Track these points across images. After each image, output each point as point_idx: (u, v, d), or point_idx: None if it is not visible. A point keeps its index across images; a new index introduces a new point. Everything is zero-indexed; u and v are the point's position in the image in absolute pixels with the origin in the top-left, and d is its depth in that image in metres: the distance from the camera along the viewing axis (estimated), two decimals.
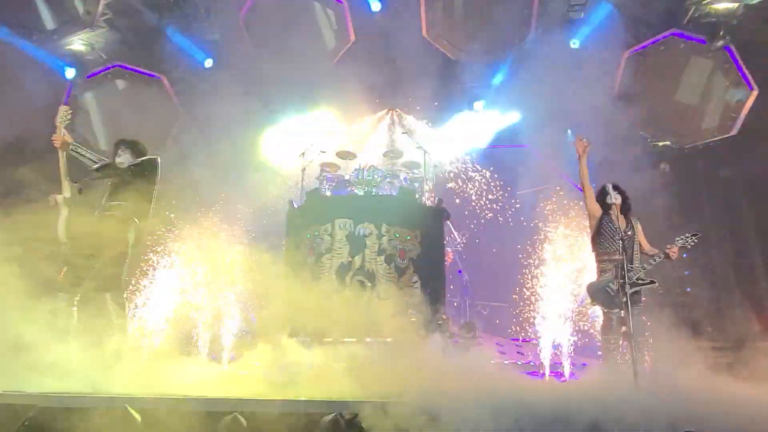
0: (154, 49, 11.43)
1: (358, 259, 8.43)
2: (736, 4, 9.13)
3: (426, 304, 7.64)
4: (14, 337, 4.22)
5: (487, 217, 10.99)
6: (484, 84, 11.37)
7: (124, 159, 5.44)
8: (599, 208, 5.76)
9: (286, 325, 7.86)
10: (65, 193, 5.11)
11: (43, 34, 10.46)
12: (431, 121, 11.27)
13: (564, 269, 8.62)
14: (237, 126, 11.32)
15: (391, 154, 9.89)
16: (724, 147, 10.27)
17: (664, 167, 10.92)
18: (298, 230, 9.02)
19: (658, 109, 10.37)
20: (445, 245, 9.70)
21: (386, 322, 7.61)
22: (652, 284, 5.50)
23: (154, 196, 5.41)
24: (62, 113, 5.24)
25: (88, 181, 5.31)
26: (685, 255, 7.37)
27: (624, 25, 9.92)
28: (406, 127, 11.02)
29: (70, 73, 11.23)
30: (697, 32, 9.67)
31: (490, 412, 3.46)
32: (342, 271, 8.39)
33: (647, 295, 5.80)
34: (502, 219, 10.91)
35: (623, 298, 5.19)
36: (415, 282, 8.44)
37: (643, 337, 5.36)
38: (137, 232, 5.21)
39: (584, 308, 7.99)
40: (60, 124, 5.16)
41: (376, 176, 9.09)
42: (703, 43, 9.59)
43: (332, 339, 7.42)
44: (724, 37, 9.30)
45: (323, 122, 10.94)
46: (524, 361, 8.15)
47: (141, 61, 11.19)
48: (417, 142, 9.95)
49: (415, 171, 9.68)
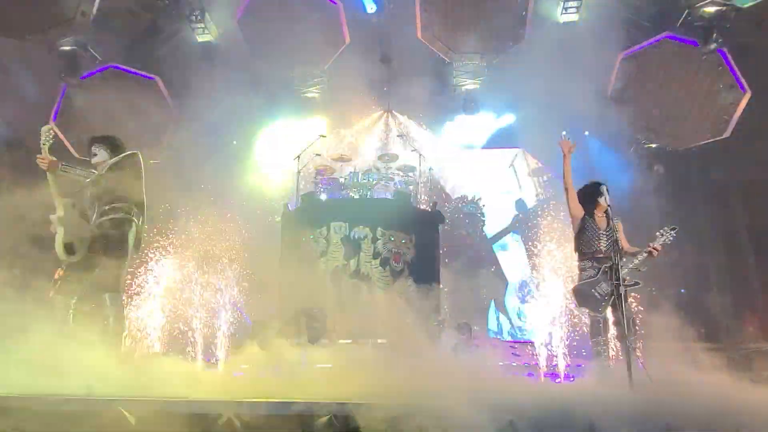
0: (149, 50, 11.43)
1: (353, 263, 8.43)
2: (729, 8, 9.20)
3: (421, 306, 7.64)
4: (7, 338, 4.20)
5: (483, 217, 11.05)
6: (478, 86, 11.41)
7: (100, 157, 5.21)
8: (582, 209, 5.72)
9: (281, 326, 7.89)
10: (59, 212, 4.95)
11: (37, 35, 10.41)
12: (426, 123, 11.30)
13: (559, 270, 8.65)
14: (232, 128, 11.34)
15: (387, 157, 9.90)
16: (717, 149, 10.34)
17: (658, 169, 10.99)
18: (294, 233, 9.00)
19: (652, 111, 10.43)
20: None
21: (381, 323, 7.64)
22: (636, 285, 5.48)
23: (143, 191, 5.29)
24: (45, 134, 4.96)
25: (78, 192, 5.13)
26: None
27: (618, 28, 9.97)
28: (401, 129, 11.03)
29: None
30: (690, 35, 9.74)
31: (486, 414, 3.47)
32: (337, 274, 8.38)
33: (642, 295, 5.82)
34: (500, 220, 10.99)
35: (616, 300, 5.20)
36: (409, 285, 8.44)
37: (635, 335, 5.34)
38: (137, 232, 5.16)
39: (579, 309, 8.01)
40: (45, 146, 4.92)
41: (371, 179, 9.09)
42: (696, 45, 9.65)
43: (327, 340, 7.43)
44: (716, 40, 9.36)
45: (318, 125, 10.94)
46: (519, 362, 8.17)
47: (135, 62, 11.16)
48: (412, 146, 9.97)
49: (410, 174, 9.68)
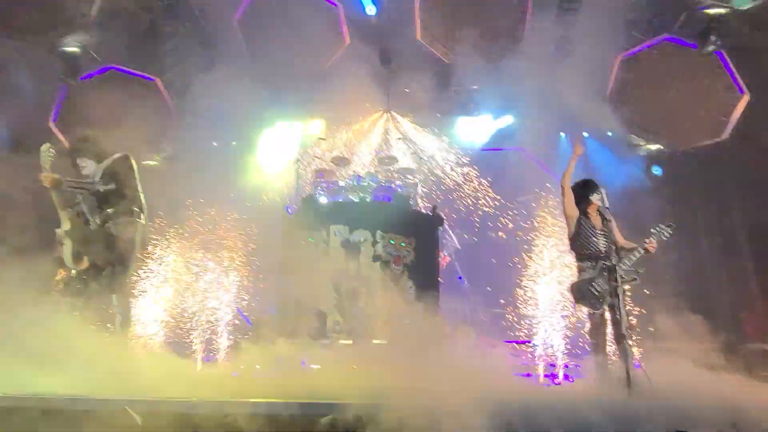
0: (149, 51, 11.43)
1: (353, 266, 8.43)
2: (727, 10, 9.24)
3: (421, 308, 7.67)
4: (15, 339, 4.23)
5: (483, 220, 11.06)
6: (477, 87, 11.44)
7: (88, 169, 5.14)
8: (577, 209, 5.75)
9: (282, 326, 7.93)
10: (64, 226, 4.97)
11: (37, 36, 10.40)
12: (425, 125, 11.32)
13: (558, 270, 8.68)
14: (232, 130, 11.34)
15: (386, 160, 9.91)
16: (715, 150, 10.38)
17: (657, 170, 11.04)
18: (293, 237, 8.99)
19: (651, 113, 10.47)
20: (441, 250, 9.73)
21: (382, 325, 7.68)
22: (634, 281, 5.52)
23: (141, 191, 5.27)
24: (44, 154, 4.91)
25: (80, 202, 5.10)
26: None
27: (617, 30, 10.01)
28: (401, 131, 11.04)
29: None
30: (688, 37, 9.78)
31: (486, 415, 3.50)
32: (337, 278, 8.39)
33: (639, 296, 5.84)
34: (499, 222, 11.00)
35: (614, 299, 5.24)
36: (410, 288, 8.47)
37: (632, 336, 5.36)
38: (143, 233, 5.18)
39: (578, 310, 8.04)
40: (45, 166, 4.88)
41: (371, 183, 9.10)
42: (695, 47, 9.69)
43: (329, 341, 7.47)
44: (715, 42, 9.40)
45: (318, 127, 10.96)
46: (519, 363, 8.19)
47: (135, 63, 11.17)
48: (411, 148, 9.99)
49: (410, 177, 9.70)
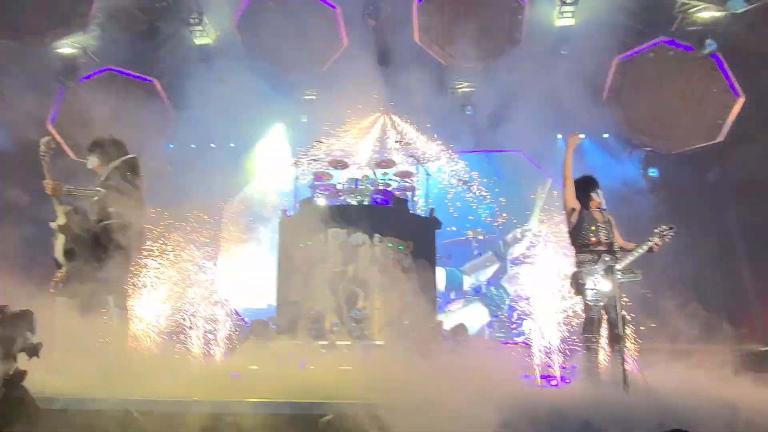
0: (147, 53, 11.44)
1: (351, 269, 8.43)
2: (723, 13, 9.29)
3: (418, 310, 7.69)
4: None
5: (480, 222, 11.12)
6: (475, 89, 11.48)
7: (90, 163, 5.30)
8: (578, 203, 5.76)
9: (280, 327, 7.95)
10: (59, 220, 5.02)
11: (35, 37, 10.39)
12: (423, 127, 11.33)
13: (555, 270, 8.70)
14: (230, 132, 11.35)
15: (384, 163, 9.89)
16: (711, 152, 10.43)
17: (653, 172, 11.10)
18: (291, 239, 8.98)
19: (647, 115, 10.51)
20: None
21: (380, 327, 7.71)
22: (633, 279, 5.51)
23: (142, 194, 5.32)
24: (45, 145, 5.00)
25: (78, 197, 5.18)
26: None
27: (613, 32, 10.06)
28: (398, 134, 11.05)
29: None
30: (684, 40, 9.83)
31: (483, 415, 3.53)
32: (334, 280, 8.40)
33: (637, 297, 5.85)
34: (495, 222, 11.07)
35: (611, 299, 5.26)
36: (407, 290, 8.46)
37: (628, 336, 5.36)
38: (139, 235, 5.21)
39: (575, 310, 8.06)
40: (45, 157, 4.96)
41: (368, 185, 9.09)
42: (691, 50, 9.75)
43: (327, 342, 7.48)
44: (711, 44, 9.45)
45: (315, 130, 10.96)
46: (516, 363, 8.20)
47: (133, 65, 11.17)
48: (409, 151, 10.00)
49: (408, 180, 9.69)
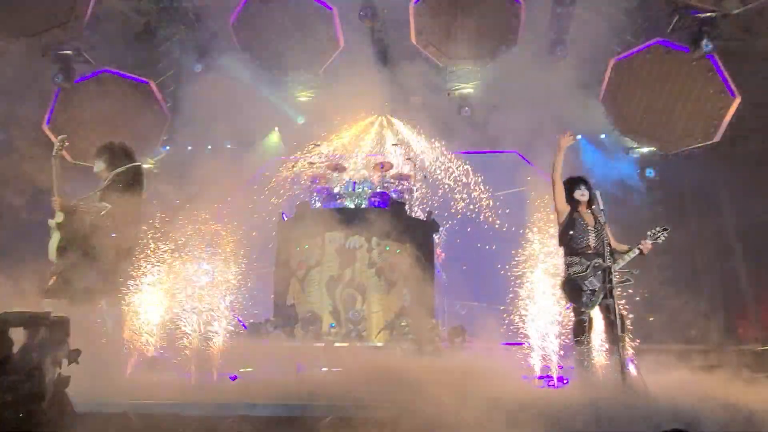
0: (143, 54, 11.42)
1: (348, 272, 8.41)
2: (719, 14, 9.32)
3: (416, 313, 7.68)
4: None
5: (474, 219, 11.09)
6: (471, 90, 11.48)
7: (97, 167, 5.36)
8: (567, 204, 5.73)
9: (276, 329, 7.92)
10: (58, 218, 5.09)
11: (31, 39, 10.35)
12: (420, 128, 11.33)
13: (552, 271, 8.68)
14: (226, 135, 11.31)
15: (381, 166, 9.90)
16: (707, 153, 10.46)
17: (649, 173, 11.12)
18: (288, 243, 8.97)
19: (644, 116, 10.53)
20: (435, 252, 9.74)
21: (378, 329, 7.69)
22: (628, 282, 5.50)
23: (141, 203, 5.34)
24: (61, 142, 5.14)
25: (81, 200, 5.21)
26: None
27: (609, 34, 10.08)
28: (396, 137, 11.04)
29: None
30: (680, 41, 9.87)
31: (482, 417, 3.52)
32: (332, 284, 8.38)
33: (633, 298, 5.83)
34: (489, 221, 11.04)
35: (608, 300, 5.23)
36: (405, 294, 8.45)
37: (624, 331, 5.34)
38: (131, 240, 5.21)
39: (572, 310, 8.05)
40: (57, 154, 5.07)
41: (366, 189, 9.07)
42: (687, 51, 9.78)
43: (324, 344, 7.47)
44: (706, 45, 9.48)
45: (312, 132, 10.95)
46: (514, 365, 8.19)
47: (129, 66, 11.14)
48: (407, 154, 9.99)
49: (405, 183, 9.68)
